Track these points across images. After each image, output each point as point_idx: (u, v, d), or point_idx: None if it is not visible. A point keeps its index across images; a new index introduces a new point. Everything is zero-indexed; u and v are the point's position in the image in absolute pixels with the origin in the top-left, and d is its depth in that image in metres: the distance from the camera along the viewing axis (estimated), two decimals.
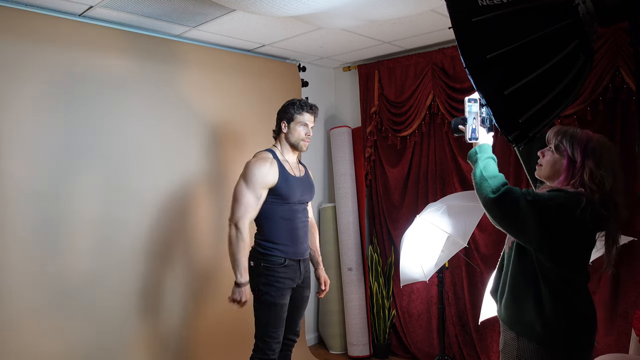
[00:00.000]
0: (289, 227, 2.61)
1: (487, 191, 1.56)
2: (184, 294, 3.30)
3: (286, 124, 2.68)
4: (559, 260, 1.57)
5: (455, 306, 3.68)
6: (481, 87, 1.41)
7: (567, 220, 1.53)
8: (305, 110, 2.66)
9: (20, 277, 2.65)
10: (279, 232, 2.59)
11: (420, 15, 2.95)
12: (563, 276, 1.59)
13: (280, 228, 2.59)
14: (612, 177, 1.57)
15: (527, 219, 1.52)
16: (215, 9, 2.84)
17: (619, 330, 2.87)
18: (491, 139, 1.75)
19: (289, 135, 2.67)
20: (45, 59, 2.75)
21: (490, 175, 1.59)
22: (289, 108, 2.67)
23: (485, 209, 1.60)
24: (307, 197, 2.72)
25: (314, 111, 2.70)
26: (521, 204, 1.52)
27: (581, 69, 1.39)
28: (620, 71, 2.79)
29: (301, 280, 2.68)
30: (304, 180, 2.72)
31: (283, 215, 2.60)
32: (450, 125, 3.58)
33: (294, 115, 2.65)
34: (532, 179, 1.86)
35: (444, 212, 3.07)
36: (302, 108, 2.65)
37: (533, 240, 1.56)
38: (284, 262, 2.57)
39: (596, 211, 1.54)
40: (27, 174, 2.69)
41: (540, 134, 1.51)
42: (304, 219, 2.70)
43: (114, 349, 2.99)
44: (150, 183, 3.17)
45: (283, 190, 2.57)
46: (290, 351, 2.80)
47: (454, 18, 1.42)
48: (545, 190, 1.65)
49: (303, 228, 2.69)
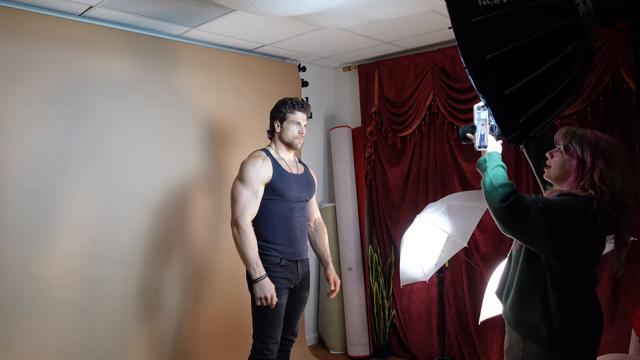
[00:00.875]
0: (286, 226, 2.59)
1: (497, 200, 1.55)
2: (182, 294, 3.30)
3: (279, 124, 2.69)
4: (571, 265, 1.55)
5: (455, 306, 3.68)
6: (481, 87, 1.41)
7: (579, 226, 1.51)
8: (296, 108, 2.67)
9: (19, 278, 2.65)
10: (275, 231, 2.57)
11: (420, 15, 2.94)
12: (572, 280, 1.57)
13: (277, 227, 2.57)
14: (622, 177, 1.54)
15: (539, 226, 1.50)
16: (215, 9, 2.84)
17: (619, 330, 2.87)
18: (500, 146, 1.73)
19: (282, 134, 2.68)
20: (45, 59, 2.75)
21: (499, 183, 1.57)
22: (280, 107, 2.69)
23: (495, 218, 1.58)
24: (305, 194, 2.70)
25: (305, 109, 2.70)
26: (532, 212, 1.50)
27: (581, 69, 1.39)
28: (620, 71, 2.79)
29: (299, 281, 2.67)
30: (301, 178, 2.70)
31: (279, 213, 2.58)
32: (450, 125, 3.61)
33: (286, 114, 2.66)
34: (541, 181, 1.83)
35: (444, 212, 3.07)
36: (293, 107, 2.66)
37: (545, 247, 1.53)
38: (280, 262, 2.56)
39: (607, 214, 1.52)
40: (26, 173, 2.69)
41: (540, 134, 1.51)
42: (301, 218, 2.68)
43: (113, 349, 2.99)
44: (150, 182, 3.17)
45: (279, 185, 2.56)
46: (289, 351, 2.79)
47: (454, 18, 1.42)
48: (554, 194, 1.62)
49: (301, 227, 2.66)
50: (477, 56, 1.38)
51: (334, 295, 2.83)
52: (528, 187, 3.25)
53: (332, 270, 2.85)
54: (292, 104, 2.67)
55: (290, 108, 2.66)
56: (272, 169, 2.57)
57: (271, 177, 2.56)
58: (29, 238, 2.69)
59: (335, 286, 2.81)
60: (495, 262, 2.67)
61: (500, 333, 3.41)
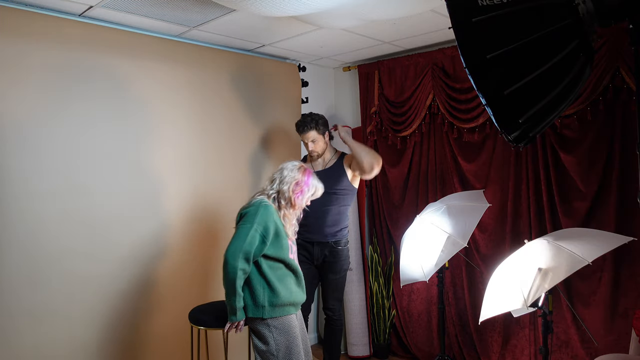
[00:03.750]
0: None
1: None
2: (183, 294, 3.30)
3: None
4: None
5: (455, 306, 3.68)
6: (481, 87, 1.41)
7: None
8: (298, 131, 3.23)
9: (20, 278, 2.65)
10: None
11: (420, 15, 2.94)
12: None
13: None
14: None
15: None
16: (215, 9, 2.84)
17: (619, 330, 2.87)
18: None
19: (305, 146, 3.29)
20: (45, 59, 2.75)
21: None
22: (295, 127, 3.27)
23: None
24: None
25: (305, 129, 3.17)
26: None
27: (581, 69, 1.39)
28: (620, 71, 2.79)
29: (319, 262, 3.19)
30: (322, 173, 3.09)
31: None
32: (450, 125, 3.60)
33: (299, 134, 3.26)
34: None
35: (444, 212, 3.07)
36: (297, 129, 3.23)
37: None
38: (298, 239, 2.89)
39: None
40: (27, 173, 2.69)
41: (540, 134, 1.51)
42: (321, 208, 3.06)
43: (114, 348, 2.99)
44: (150, 183, 3.17)
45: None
46: (331, 324, 3.33)
47: (454, 18, 1.42)
48: None
49: (315, 216, 3.06)
50: (477, 56, 1.38)
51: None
52: (528, 187, 3.25)
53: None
54: (297, 125, 3.23)
55: (297, 129, 3.25)
56: None
57: None
58: (28, 238, 2.69)
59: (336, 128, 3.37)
60: (495, 262, 2.67)
61: (500, 333, 3.41)
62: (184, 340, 3.24)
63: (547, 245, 2.36)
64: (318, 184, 2.59)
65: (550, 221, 3.13)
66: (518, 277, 2.35)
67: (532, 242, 2.46)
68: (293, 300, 2.45)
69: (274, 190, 2.47)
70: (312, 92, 4.24)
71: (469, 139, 3.55)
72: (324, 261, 3.18)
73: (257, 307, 2.36)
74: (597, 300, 2.96)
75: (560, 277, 2.22)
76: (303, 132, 3.19)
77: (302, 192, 2.49)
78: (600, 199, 2.96)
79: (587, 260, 2.14)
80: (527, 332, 3.30)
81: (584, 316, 3.00)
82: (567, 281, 3.02)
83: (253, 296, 2.37)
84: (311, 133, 3.17)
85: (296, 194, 2.46)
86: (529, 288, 2.26)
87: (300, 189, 2.48)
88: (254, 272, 2.38)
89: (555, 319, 3.07)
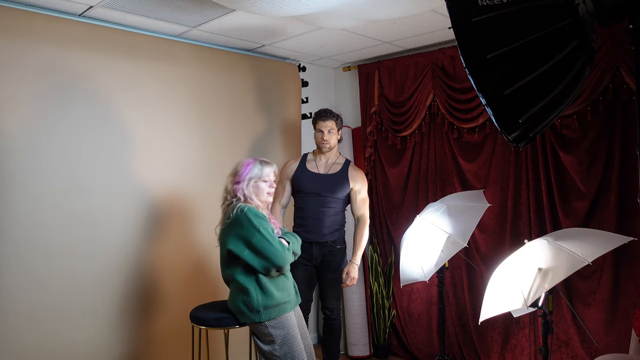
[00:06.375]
0: (301, 214, 3.19)
1: None
2: (184, 293, 3.30)
3: (314, 130, 3.28)
4: None
5: (455, 306, 3.68)
6: (481, 87, 1.41)
7: None
8: (318, 119, 3.24)
9: (20, 278, 2.65)
10: (295, 216, 3.24)
11: (420, 15, 2.95)
12: None
13: (296, 213, 3.24)
14: None
15: None
16: (215, 9, 2.84)
17: (619, 330, 2.87)
18: None
19: (315, 138, 3.28)
20: (45, 59, 2.75)
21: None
22: (313, 116, 3.31)
23: None
24: (322, 191, 3.15)
25: (326, 117, 3.20)
26: None
27: (581, 69, 1.39)
28: (620, 71, 2.79)
29: (318, 262, 3.18)
30: (325, 177, 3.19)
31: (298, 204, 3.24)
32: (450, 125, 3.60)
33: (314, 123, 3.27)
34: None
35: (444, 212, 3.07)
36: (317, 117, 3.25)
37: None
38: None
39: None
40: (26, 173, 2.69)
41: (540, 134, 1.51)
42: (320, 209, 3.13)
43: (113, 348, 2.99)
44: (151, 183, 3.17)
45: (296, 181, 3.21)
46: (331, 323, 3.33)
47: (453, 18, 1.42)
48: None
49: (315, 217, 3.14)
50: (477, 56, 1.38)
51: (344, 285, 3.18)
52: (528, 187, 3.25)
53: (350, 263, 3.18)
54: (318, 113, 3.26)
55: (315, 118, 3.26)
56: (297, 168, 3.23)
57: (293, 174, 3.22)
58: (28, 239, 2.68)
59: (346, 278, 3.14)
60: (496, 262, 2.67)
61: (500, 333, 3.41)
62: (184, 340, 3.23)
63: (547, 245, 2.36)
64: (264, 166, 2.56)
65: (550, 221, 3.13)
66: (518, 277, 2.35)
67: (532, 242, 2.46)
68: (287, 299, 2.50)
69: (231, 195, 2.54)
70: (312, 92, 4.24)
71: (469, 139, 3.55)
72: (323, 260, 3.20)
73: (253, 312, 2.42)
74: (597, 300, 2.96)
75: (560, 277, 2.22)
76: (323, 119, 3.19)
77: (242, 177, 2.51)
78: (600, 199, 2.96)
79: (587, 260, 2.14)
80: (527, 332, 3.30)
81: (584, 316, 3.00)
82: (567, 281, 3.02)
83: (246, 302, 2.42)
84: (330, 122, 3.20)
85: (238, 183, 2.51)
86: (529, 288, 2.26)
87: (239, 176, 2.52)
88: (246, 276, 2.43)
89: (555, 319, 3.07)
